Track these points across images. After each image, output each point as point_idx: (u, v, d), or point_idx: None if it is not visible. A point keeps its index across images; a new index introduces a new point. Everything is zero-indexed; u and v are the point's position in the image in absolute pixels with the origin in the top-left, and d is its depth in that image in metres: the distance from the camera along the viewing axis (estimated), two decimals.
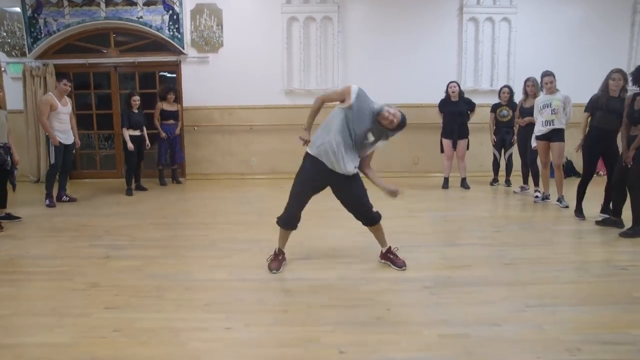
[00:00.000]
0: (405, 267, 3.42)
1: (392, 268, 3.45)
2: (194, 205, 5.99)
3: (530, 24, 7.63)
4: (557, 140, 5.39)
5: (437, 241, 4.22)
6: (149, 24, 7.49)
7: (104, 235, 4.51)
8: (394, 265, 3.46)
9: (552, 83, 5.32)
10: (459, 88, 6.67)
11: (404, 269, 3.41)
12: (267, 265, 3.45)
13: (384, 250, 3.55)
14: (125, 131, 6.55)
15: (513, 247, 3.96)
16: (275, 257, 3.49)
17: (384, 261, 3.54)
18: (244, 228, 4.69)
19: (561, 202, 5.49)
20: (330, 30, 7.55)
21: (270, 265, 3.43)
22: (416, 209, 5.51)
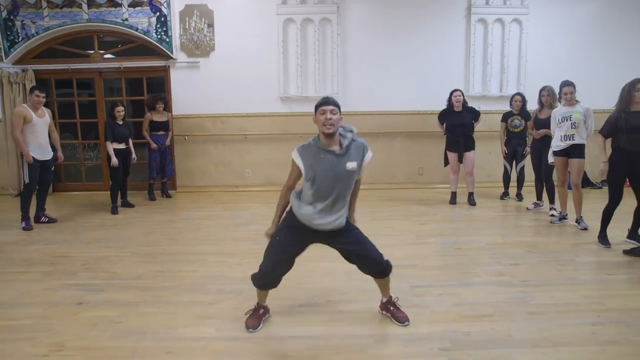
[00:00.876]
0: (407, 322, 2.96)
1: None
2: (183, 229, 5.52)
3: (542, 25, 7.17)
4: (577, 156, 4.95)
5: (450, 279, 3.78)
6: (134, 27, 7.00)
7: (80, 272, 4.06)
8: (395, 319, 3.00)
9: (572, 94, 4.86)
10: (463, 97, 6.21)
11: (407, 324, 2.95)
12: (245, 321, 3.00)
13: (384, 300, 3.10)
14: (109, 145, 6.09)
15: (536, 288, 3.53)
16: (255, 312, 3.03)
17: (384, 312, 3.09)
18: (236, 261, 4.26)
19: (579, 224, 5.08)
20: (329, 33, 7.08)
21: (247, 322, 2.97)
22: (423, 233, 5.08)
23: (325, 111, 2.62)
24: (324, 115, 2.62)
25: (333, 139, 2.69)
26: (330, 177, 2.68)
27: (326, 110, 2.62)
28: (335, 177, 2.68)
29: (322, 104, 2.67)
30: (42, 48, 7.22)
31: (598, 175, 7.38)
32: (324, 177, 2.68)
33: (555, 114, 5.05)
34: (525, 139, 6.35)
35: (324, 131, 2.63)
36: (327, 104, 2.65)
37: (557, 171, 5.21)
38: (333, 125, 2.62)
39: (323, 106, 2.65)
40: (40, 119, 5.38)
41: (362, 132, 7.71)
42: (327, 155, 2.67)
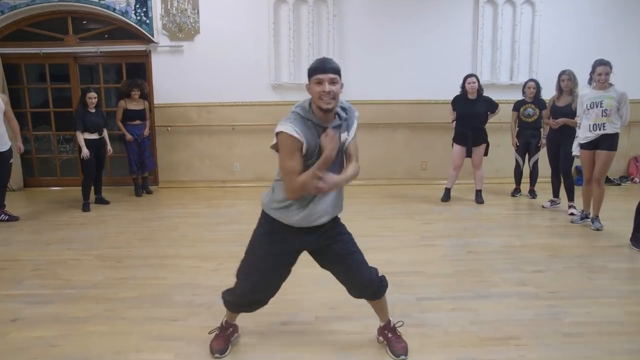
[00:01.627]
0: (404, 356, 2.32)
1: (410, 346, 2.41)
2: (159, 228, 4.92)
3: (556, 7, 6.56)
4: (606, 148, 4.33)
5: (463, 290, 3.18)
6: (111, 7, 6.38)
7: (27, 279, 3.46)
8: (390, 351, 2.36)
9: (607, 75, 4.21)
10: (479, 84, 5.59)
11: (402, 358, 2.32)
12: (209, 343, 2.41)
13: (382, 324, 2.47)
14: (79, 135, 5.50)
15: (568, 302, 2.93)
16: (221, 331, 2.44)
17: (381, 339, 2.47)
18: (212, 266, 3.66)
19: (593, 223, 4.52)
20: (325, 14, 6.47)
21: (212, 345, 2.39)
22: (428, 234, 4.48)
23: (322, 80, 1.99)
24: (320, 87, 1.99)
25: (331, 113, 2.09)
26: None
27: (323, 80, 1.99)
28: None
29: (318, 71, 2.02)
30: (10, 30, 6.58)
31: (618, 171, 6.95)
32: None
33: (583, 98, 4.39)
34: (540, 129, 5.75)
35: (322, 106, 2.02)
36: (324, 71, 2.01)
37: (583, 166, 4.59)
38: (334, 100, 2.02)
39: (319, 74, 2.00)
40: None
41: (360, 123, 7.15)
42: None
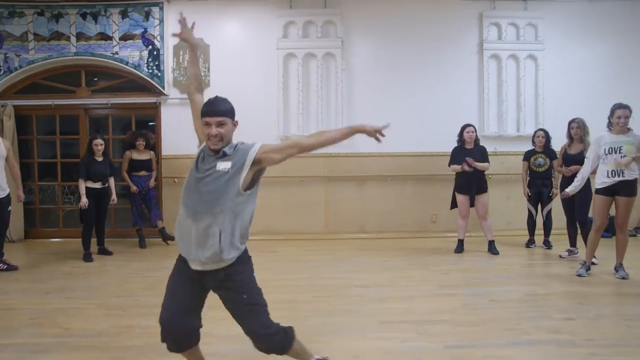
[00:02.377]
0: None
1: None
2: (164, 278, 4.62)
3: (559, 61, 6.74)
4: (627, 194, 4.24)
5: (493, 337, 2.97)
6: (125, 61, 6.54)
7: (26, 327, 3.25)
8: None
9: (627, 119, 4.21)
10: (476, 134, 5.65)
11: None
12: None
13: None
14: (81, 183, 5.42)
15: (609, 351, 2.72)
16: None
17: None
18: (220, 315, 3.43)
19: (618, 272, 4.34)
20: (333, 68, 6.62)
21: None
22: (447, 283, 4.29)
23: (209, 123, 2.04)
24: (208, 129, 2.04)
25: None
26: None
27: (211, 123, 2.04)
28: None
29: (207, 113, 2.06)
30: (25, 83, 6.72)
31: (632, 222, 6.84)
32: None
33: (601, 141, 4.34)
34: (551, 179, 5.70)
35: (210, 146, 2.07)
36: (212, 113, 2.05)
37: (597, 213, 4.44)
38: (221, 141, 2.07)
39: (206, 117, 2.05)
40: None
41: (369, 175, 7.15)
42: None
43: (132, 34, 6.56)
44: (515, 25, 6.74)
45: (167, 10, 6.60)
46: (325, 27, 6.62)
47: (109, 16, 6.55)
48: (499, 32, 6.73)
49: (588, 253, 4.49)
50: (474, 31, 6.77)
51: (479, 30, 6.76)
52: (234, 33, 6.75)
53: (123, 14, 6.54)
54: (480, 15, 6.73)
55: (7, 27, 6.46)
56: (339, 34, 6.60)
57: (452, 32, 6.76)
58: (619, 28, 6.78)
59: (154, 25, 6.56)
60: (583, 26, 6.78)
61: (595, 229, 4.39)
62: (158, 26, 6.56)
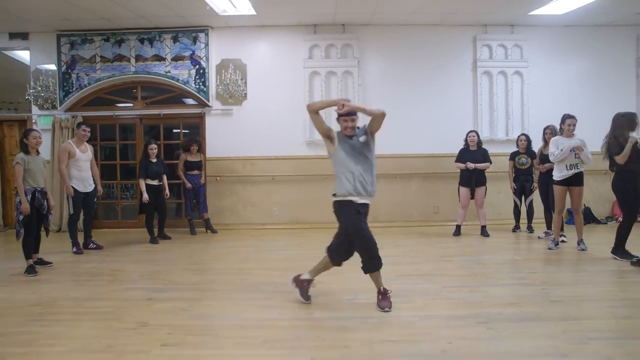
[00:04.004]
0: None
1: (441, 307, 3.42)
2: (222, 253, 5.98)
3: (541, 76, 7.96)
4: (579, 184, 5.47)
5: (477, 282, 4.20)
6: (175, 78, 7.80)
7: (139, 279, 4.49)
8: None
9: (574, 126, 5.47)
10: (478, 138, 6.87)
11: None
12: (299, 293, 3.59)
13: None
14: (142, 182, 6.58)
15: (555, 287, 3.94)
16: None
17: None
18: (279, 273, 4.67)
19: (579, 245, 5.50)
20: (351, 84, 7.87)
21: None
22: (447, 253, 5.51)
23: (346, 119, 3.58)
24: (345, 123, 3.59)
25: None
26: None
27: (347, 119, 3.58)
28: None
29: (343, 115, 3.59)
30: (91, 97, 7.99)
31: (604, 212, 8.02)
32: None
33: (557, 142, 5.52)
34: (532, 175, 6.91)
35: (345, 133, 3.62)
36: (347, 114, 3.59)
37: (558, 199, 5.61)
38: (352, 129, 3.62)
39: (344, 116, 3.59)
40: (83, 154, 5.95)
41: (381, 173, 8.30)
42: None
43: (182, 55, 7.82)
44: (504, 46, 7.96)
45: (212, 35, 7.86)
46: (344, 49, 7.87)
47: (163, 41, 7.82)
48: (490, 52, 7.96)
49: (555, 231, 5.71)
50: (469, 51, 8.01)
51: (473, 50, 7.99)
52: (267, 54, 8.00)
53: (174, 39, 7.81)
54: (474, 38, 7.96)
55: (79, 51, 7.75)
56: (355, 55, 7.85)
57: (451, 52, 7.99)
58: (591, 49, 8.00)
59: (200, 48, 7.82)
60: (561, 47, 8.01)
61: (557, 212, 5.62)
62: (204, 49, 7.82)
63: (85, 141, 6.06)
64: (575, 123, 5.47)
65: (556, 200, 5.65)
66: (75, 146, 5.89)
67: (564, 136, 5.54)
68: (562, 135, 5.58)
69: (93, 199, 6.15)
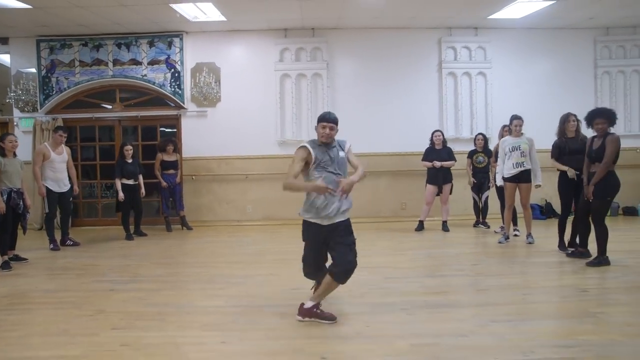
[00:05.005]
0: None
1: (374, 296, 3.76)
2: (193, 248, 6.32)
3: (504, 77, 8.30)
4: (526, 180, 5.80)
5: (418, 274, 4.54)
6: (152, 81, 8.11)
7: (108, 273, 4.82)
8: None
9: (520, 126, 5.79)
10: (443, 137, 7.20)
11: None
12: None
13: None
14: (117, 181, 6.92)
15: (488, 277, 4.29)
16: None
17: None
18: (240, 266, 5.01)
19: (527, 238, 5.83)
20: (320, 86, 8.19)
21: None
22: (402, 248, 5.85)
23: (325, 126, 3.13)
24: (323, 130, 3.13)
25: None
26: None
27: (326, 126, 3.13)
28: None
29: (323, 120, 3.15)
30: (71, 100, 8.29)
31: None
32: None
33: (504, 143, 5.89)
34: (489, 173, 7.25)
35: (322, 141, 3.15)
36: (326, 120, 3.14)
37: (508, 196, 5.94)
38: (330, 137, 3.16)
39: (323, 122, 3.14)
40: (58, 156, 6.23)
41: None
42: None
43: (158, 59, 8.12)
44: (468, 48, 8.30)
45: (186, 39, 8.17)
46: (314, 52, 8.19)
47: (139, 45, 8.11)
48: (454, 53, 8.30)
49: (506, 225, 6.06)
50: (434, 53, 8.34)
51: (438, 52, 8.32)
52: (240, 57, 8.31)
53: (150, 44, 8.11)
54: (439, 40, 8.29)
55: (59, 56, 8.04)
56: (324, 57, 8.17)
57: (417, 54, 8.32)
58: (551, 51, 8.37)
59: (175, 52, 8.13)
60: (523, 49, 8.35)
61: (507, 207, 5.96)
62: (179, 53, 8.12)
63: (61, 144, 6.35)
64: (522, 123, 5.80)
65: (506, 196, 5.99)
66: (50, 149, 6.18)
67: (513, 136, 5.87)
68: (511, 135, 5.92)
69: (69, 198, 6.45)
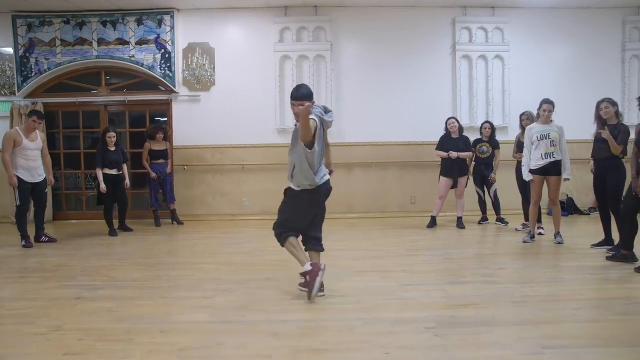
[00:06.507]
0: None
1: (391, 309, 3.13)
2: (181, 246, 5.68)
3: (523, 61, 7.62)
4: (556, 173, 5.13)
5: (439, 280, 3.91)
6: (140, 63, 7.43)
7: (79, 276, 4.18)
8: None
9: (550, 112, 5.11)
10: (459, 124, 6.53)
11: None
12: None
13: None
14: (99, 171, 6.23)
15: (520, 285, 3.65)
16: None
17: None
18: (233, 268, 4.37)
19: (556, 238, 5.20)
20: (324, 69, 7.51)
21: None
22: (414, 248, 5.21)
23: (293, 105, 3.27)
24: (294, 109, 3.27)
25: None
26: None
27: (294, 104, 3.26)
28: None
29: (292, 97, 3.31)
30: (53, 83, 7.61)
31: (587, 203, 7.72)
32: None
33: (531, 131, 5.21)
34: (492, 165, 6.61)
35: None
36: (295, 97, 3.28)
37: (534, 190, 5.28)
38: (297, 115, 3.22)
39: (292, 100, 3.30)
40: (31, 143, 5.56)
41: (355, 162, 8.06)
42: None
43: (147, 39, 7.44)
44: (485, 29, 7.61)
45: (178, 17, 7.49)
46: (317, 32, 7.50)
47: (126, 24, 7.43)
48: (470, 35, 7.61)
49: (531, 223, 5.41)
50: (447, 35, 7.65)
51: (452, 34, 7.63)
52: (236, 37, 7.63)
53: (139, 22, 7.42)
54: (453, 20, 7.60)
55: (38, 34, 7.36)
56: (328, 38, 7.48)
57: (429, 36, 7.64)
58: (573, 32, 7.67)
59: (166, 31, 7.44)
60: (543, 30, 7.66)
61: (533, 203, 5.29)
62: (169, 32, 7.44)
63: (35, 130, 5.69)
64: (552, 109, 5.12)
65: (532, 190, 5.33)
66: (22, 134, 5.52)
67: (540, 123, 5.21)
68: (539, 122, 5.25)
69: (43, 189, 5.80)
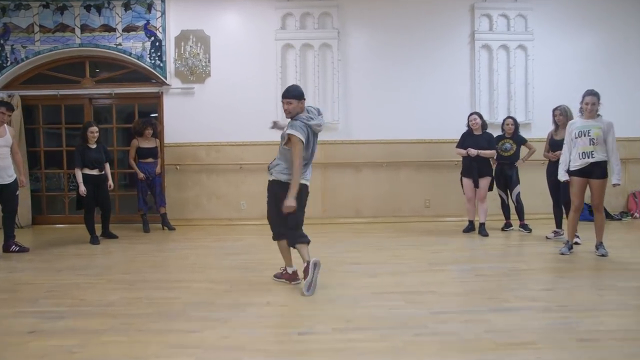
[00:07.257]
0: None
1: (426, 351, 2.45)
2: (169, 257, 5.00)
3: (548, 51, 6.95)
4: (598, 176, 4.47)
5: (476, 305, 3.22)
6: (128, 52, 6.75)
7: (42, 299, 3.48)
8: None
9: (594, 105, 4.42)
10: (482, 120, 5.86)
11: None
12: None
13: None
14: (77, 172, 5.54)
15: (581, 314, 2.97)
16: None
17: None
18: (227, 287, 3.69)
19: (598, 250, 4.55)
20: (330, 59, 6.82)
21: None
22: (437, 261, 4.52)
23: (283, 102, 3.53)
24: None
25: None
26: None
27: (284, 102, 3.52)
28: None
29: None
30: (31, 73, 6.93)
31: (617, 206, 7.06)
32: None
33: (572, 126, 4.56)
34: (515, 164, 5.97)
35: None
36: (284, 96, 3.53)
37: (573, 193, 4.63)
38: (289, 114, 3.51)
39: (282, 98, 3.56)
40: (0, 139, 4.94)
41: (365, 162, 7.36)
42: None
43: (135, 25, 6.76)
44: (506, 16, 6.94)
45: (169, 2, 6.80)
46: (322, 19, 6.83)
47: (112, 8, 6.75)
48: (490, 23, 6.94)
49: (570, 232, 4.73)
50: (465, 22, 6.98)
51: (470, 21, 6.96)
52: (233, 24, 6.95)
53: (126, 7, 6.74)
54: (472, 6, 6.93)
55: (13, 19, 6.67)
56: (335, 25, 6.80)
57: (445, 23, 6.96)
58: (603, 18, 7.00)
59: (156, 17, 6.76)
60: (570, 17, 6.99)
61: (573, 209, 4.62)
62: (160, 18, 6.76)
63: (4, 124, 5.01)
64: (596, 102, 4.44)
65: (571, 193, 4.66)
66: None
67: (584, 117, 4.53)
68: (582, 117, 4.57)
69: (13, 192, 5.12)
